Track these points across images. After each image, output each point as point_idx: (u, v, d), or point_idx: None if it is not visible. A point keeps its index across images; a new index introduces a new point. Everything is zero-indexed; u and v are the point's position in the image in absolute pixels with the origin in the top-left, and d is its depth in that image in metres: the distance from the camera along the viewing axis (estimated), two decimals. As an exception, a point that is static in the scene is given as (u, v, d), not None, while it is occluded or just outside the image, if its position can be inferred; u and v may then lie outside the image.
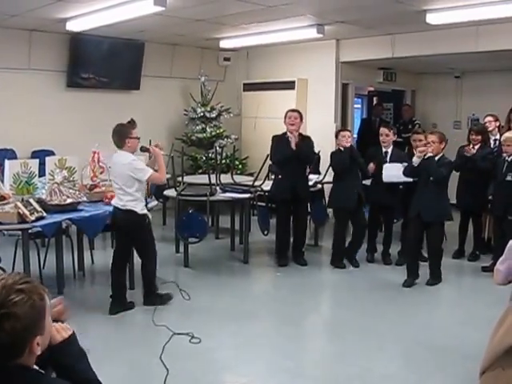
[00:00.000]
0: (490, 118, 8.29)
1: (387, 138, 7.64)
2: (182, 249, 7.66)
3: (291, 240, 7.84)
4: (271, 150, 7.53)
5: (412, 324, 5.66)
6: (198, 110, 10.87)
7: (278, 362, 4.75)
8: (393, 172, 7.33)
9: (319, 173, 8.58)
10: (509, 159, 7.14)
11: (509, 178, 7.02)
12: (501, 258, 3.54)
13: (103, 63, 10.05)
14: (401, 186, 7.54)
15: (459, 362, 4.63)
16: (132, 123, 6.90)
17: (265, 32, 9.48)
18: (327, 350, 5.13)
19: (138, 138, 5.72)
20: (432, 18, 7.75)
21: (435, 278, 6.91)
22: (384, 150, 7.68)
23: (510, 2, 7.03)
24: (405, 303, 6.32)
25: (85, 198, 6.22)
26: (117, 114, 8.77)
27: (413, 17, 7.92)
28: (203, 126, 10.86)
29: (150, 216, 5.86)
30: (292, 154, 7.30)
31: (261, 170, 7.79)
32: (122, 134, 5.62)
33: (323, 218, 8.66)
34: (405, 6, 7.40)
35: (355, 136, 11.26)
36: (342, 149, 7.43)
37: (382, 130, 7.77)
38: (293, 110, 7.61)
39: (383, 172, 7.44)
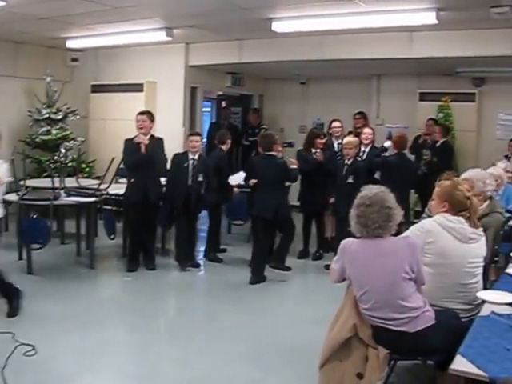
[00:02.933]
0: (337, 123, 8.71)
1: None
2: (25, 255, 7.34)
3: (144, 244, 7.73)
4: (123, 153, 7.41)
5: (257, 323, 5.79)
6: (43, 112, 10.48)
7: (125, 369, 4.68)
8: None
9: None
10: (349, 162, 7.51)
11: (349, 180, 7.37)
12: (335, 258, 3.75)
13: None
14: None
15: (302, 357, 4.78)
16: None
17: (113, 33, 9.33)
18: (174, 354, 5.09)
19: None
20: (277, 27, 7.99)
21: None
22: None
23: (352, 15, 7.41)
24: (251, 303, 6.47)
25: None
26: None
27: (259, 24, 8.11)
28: (48, 127, 10.48)
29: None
30: (143, 158, 7.22)
31: (106, 173, 7.64)
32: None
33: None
34: (251, 14, 7.58)
35: (204, 140, 11.31)
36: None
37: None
38: (141, 113, 7.51)
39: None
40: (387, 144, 8.13)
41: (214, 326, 5.72)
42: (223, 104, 13.84)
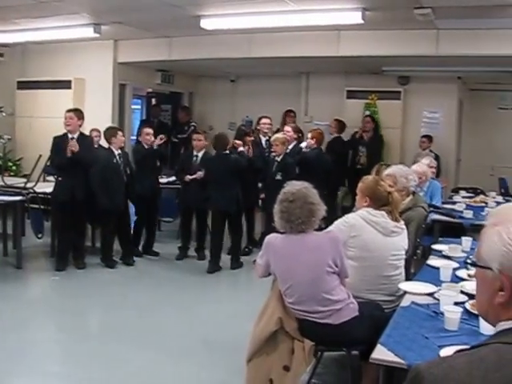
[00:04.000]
0: (266, 120, 8.80)
1: (199, 142, 7.96)
2: None
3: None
4: (51, 151, 7.29)
5: (189, 319, 5.82)
6: (-35, 109, 10.21)
7: (49, 370, 4.60)
8: None
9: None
10: (278, 159, 7.60)
11: (278, 176, 7.46)
12: (260, 253, 3.81)
13: None
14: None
15: (230, 353, 4.82)
16: None
17: (40, 28, 9.11)
18: (104, 352, 5.02)
19: None
20: (206, 24, 8.00)
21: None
22: (195, 153, 8.03)
23: (280, 13, 7.49)
24: (182, 299, 6.48)
25: None
26: None
27: (188, 21, 8.10)
28: (-29, 125, 10.21)
29: None
30: (67, 161, 7.11)
31: (33, 171, 7.51)
32: None
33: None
34: (180, 11, 7.56)
35: (133, 137, 11.24)
36: None
37: (196, 135, 8.10)
38: (69, 111, 7.42)
39: None
40: (303, 144, 8.25)
41: (145, 322, 5.71)
42: (153, 102, 13.74)
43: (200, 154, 7.99)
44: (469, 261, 1.63)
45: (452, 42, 8.09)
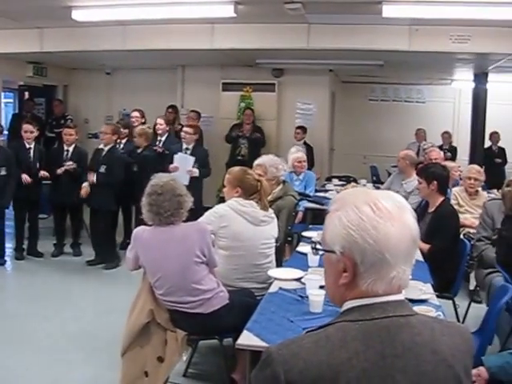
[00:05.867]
0: (136, 114, 8.74)
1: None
2: None
3: None
4: None
5: (61, 318, 5.67)
6: None
7: None
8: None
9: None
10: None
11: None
12: (129, 246, 3.82)
13: None
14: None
15: (105, 348, 4.78)
16: None
17: None
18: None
19: None
20: (78, 15, 7.82)
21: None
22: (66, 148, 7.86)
23: (154, 5, 7.45)
24: (56, 297, 6.35)
25: None
26: None
27: (59, 12, 7.86)
28: None
29: None
30: None
31: None
32: None
33: None
34: (50, 1, 7.35)
35: (6, 132, 10.82)
36: None
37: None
38: None
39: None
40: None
41: (13, 323, 5.51)
42: (26, 95, 13.27)
43: (71, 149, 7.81)
44: (314, 245, 1.71)
45: (323, 35, 8.34)
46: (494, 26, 7.68)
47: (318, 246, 1.62)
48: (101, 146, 7.64)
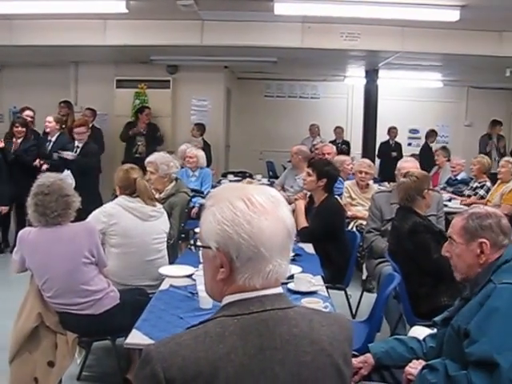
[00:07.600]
0: (29, 113, 8.50)
1: None
2: None
3: None
4: None
5: None
6: None
7: None
8: None
9: None
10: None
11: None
12: (15, 249, 3.71)
13: None
14: None
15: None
16: None
17: None
18: None
19: None
20: None
21: None
22: None
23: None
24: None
25: None
26: None
27: None
28: None
29: None
30: None
31: None
32: None
33: None
34: None
35: None
36: None
37: None
38: None
39: None
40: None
41: None
42: None
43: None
44: (195, 241, 1.72)
45: (216, 32, 8.39)
46: (382, 24, 7.94)
47: (198, 243, 1.62)
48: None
